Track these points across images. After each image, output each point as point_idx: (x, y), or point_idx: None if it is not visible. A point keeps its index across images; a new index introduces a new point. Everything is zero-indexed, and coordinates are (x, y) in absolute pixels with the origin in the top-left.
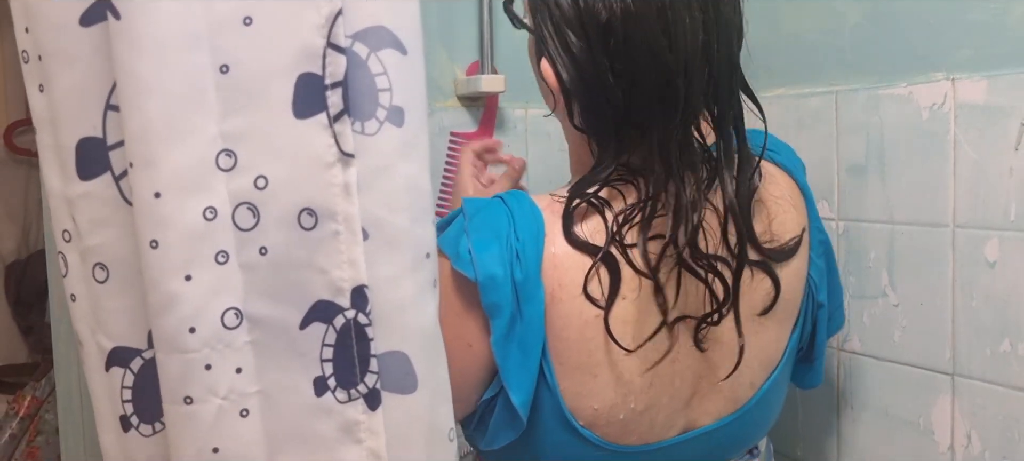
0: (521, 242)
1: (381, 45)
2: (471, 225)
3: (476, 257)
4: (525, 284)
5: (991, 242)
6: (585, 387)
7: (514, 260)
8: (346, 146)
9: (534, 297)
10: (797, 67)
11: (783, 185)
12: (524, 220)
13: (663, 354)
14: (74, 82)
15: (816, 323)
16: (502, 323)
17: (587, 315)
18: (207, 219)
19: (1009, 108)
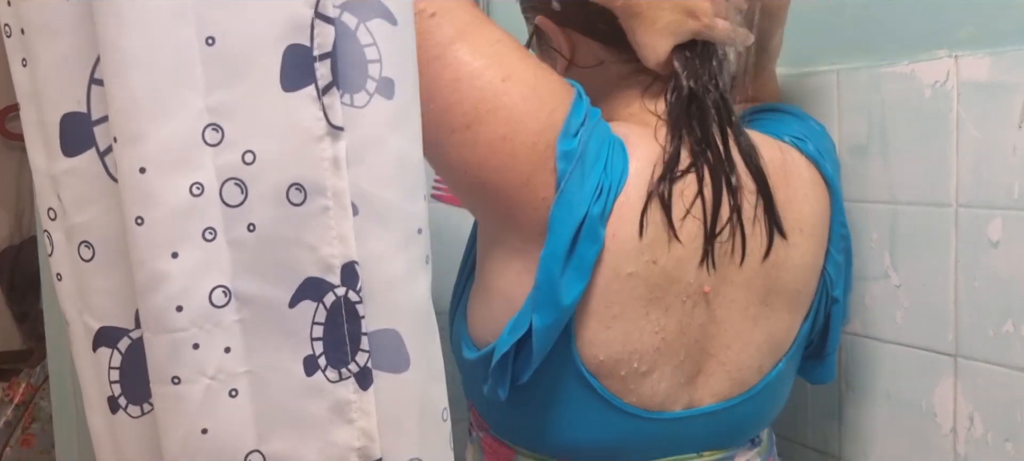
0: (609, 179)
1: (371, 15)
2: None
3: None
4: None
5: (994, 221)
6: (596, 336)
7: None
8: (335, 119)
9: (595, 238)
10: (798, 46)
11: (805, 176)
12: (615, 157)
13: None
14: (57, 56)
15: (829, 318)
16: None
17: (622, 270)
18: (194, 195)
19: (1012, 85)
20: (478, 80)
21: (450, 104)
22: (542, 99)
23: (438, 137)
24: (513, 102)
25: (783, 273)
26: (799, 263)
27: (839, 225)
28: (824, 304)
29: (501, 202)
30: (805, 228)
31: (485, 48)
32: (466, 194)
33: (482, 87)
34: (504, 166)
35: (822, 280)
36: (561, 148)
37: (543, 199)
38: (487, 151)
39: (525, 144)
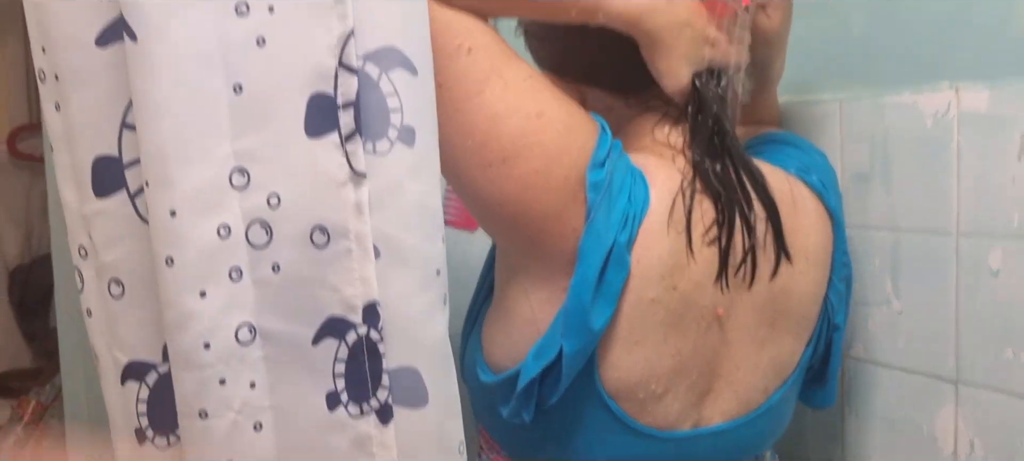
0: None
1: (392, 66)
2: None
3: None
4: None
5: (995, 251)
6: (619, 360)
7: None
8: (358, 166)
9: (622, 265)
10: (802, 75)
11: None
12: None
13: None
14: (90, 101)
15: (830, 344)
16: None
17: (646, 295)
18: (221, 236)
19: (1012, 117)
20: (514, 116)
21: (487, 139)
22: (574, 134)
23: (473, 171)
24: (548, 137)
25: (790, 299)
26: (804, 290)
27: (841, 254)
28: (825, 330)
29: (532, 233)
30: (810, 257)
31: (519, 84)
32: (496, 225)
33: (518, 123)
34: (538, 199)
35: (824, 307)
36: (591, 179)
37: (573, 229)
38: (522, 185)
39: (559, 177)
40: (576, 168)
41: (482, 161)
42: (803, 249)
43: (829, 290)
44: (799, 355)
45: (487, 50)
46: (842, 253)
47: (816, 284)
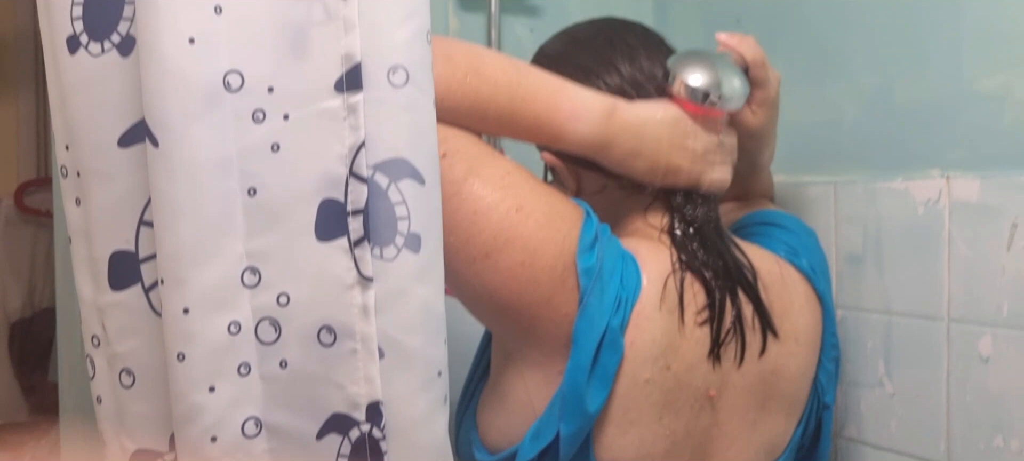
0: (625, 292)
1: (401, 176)
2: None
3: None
4: (614, 334)
5: (985, 338)
6: (614, 441)
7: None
8: (365, 270)
9: (616, 348)
10: (797, 156)
11: (800, 289)
12: (629, 271)
13: (686, 426)
14: (110, 198)
15: (820, 424)
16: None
17: (640, 377)
18: (231, 333)
19: (1002, 208)
20: (494, 212)
21: (469, 236)
22: (555, 224)
23: (459, 266)
24: (529, 230)
25: (780, 379)
26: (795, 370)
27: (830, 335)
28: (816, 409)
29: (523, 321)
30: (800, 337)
31: (497, 181)
32: (487, 315)
33: (498, 219)
34: (524, 289)
35: (814, 387)
36: (582, 265)
37: (565, 315)
38: (507, 277)
39: (544, 268)
40: (561, 257)
41: (467, 256)
42: (793, 330)
43: (819, 370)
44: (790, 435)
45: (462, 153)
46: (831, 335)
47: (806, 364)
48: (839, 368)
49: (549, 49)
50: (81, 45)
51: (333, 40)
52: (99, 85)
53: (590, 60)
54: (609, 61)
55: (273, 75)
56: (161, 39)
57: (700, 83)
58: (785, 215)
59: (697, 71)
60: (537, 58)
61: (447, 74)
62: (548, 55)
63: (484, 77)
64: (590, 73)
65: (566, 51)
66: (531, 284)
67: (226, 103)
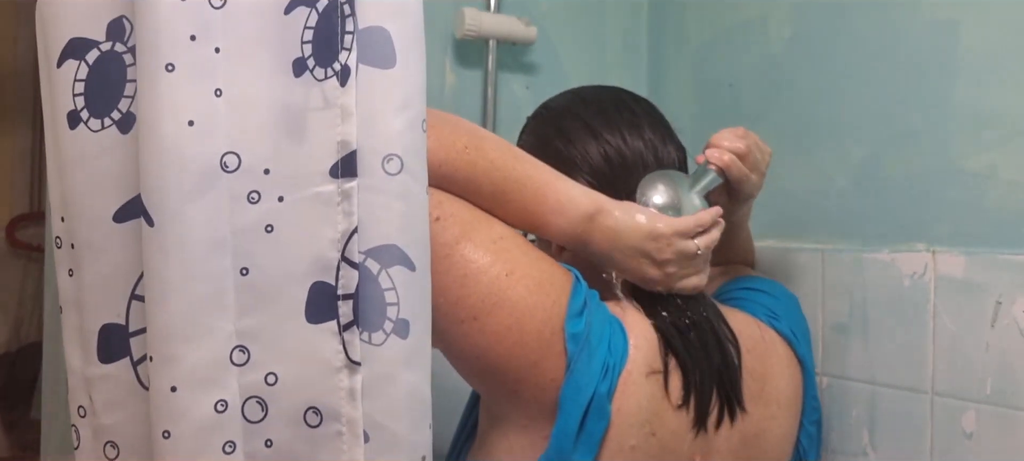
0: (613, 358)
1: (392, 262)
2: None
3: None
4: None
5: (968, 413)
6: None
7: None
8: (354, 354)
9: (603, 415)
10: (786, 221)
11: (781, 353)
12: (616, 337)
13: None
14: (103, 272)
15: None
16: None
17: (626, 443)
18: (218, 412)
19: (986, 285)
20: (483, 276)
21: (459, 298)
22: (545, 290)
23: (447, 327)
24: (518, 295)
25: (763, 443)
26: (777, 434)
27: (812, 398)
28: None
29: (509, 384)
30: (782, 401)
31: (488, 245)
32: (475, 377)
33: (488, 282)
34: (511, 353)
35: (796, 450)
36: (570, 330)
37: (552, 380)
38: (495, 340)
39: (531, 332)
40: (549, 322)
41: (456, 318)
42: (775, 394)
43: (800, 433)
44: None
45: (455, 217)
46: (812, 398)
47: (788, 428)
48: (821, 431)
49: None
50: (81, 120)
51: (330, 126)
52: (97, 160)
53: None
54: (614, 125)
55: (270, 158)
56: (161, 119)
57: (660, 203)
58: (765, 280)
59: (659, 193)
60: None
61: (449, 142)
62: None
63: (483, 153)
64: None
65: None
66: (518, 347)
67: (222, 183)
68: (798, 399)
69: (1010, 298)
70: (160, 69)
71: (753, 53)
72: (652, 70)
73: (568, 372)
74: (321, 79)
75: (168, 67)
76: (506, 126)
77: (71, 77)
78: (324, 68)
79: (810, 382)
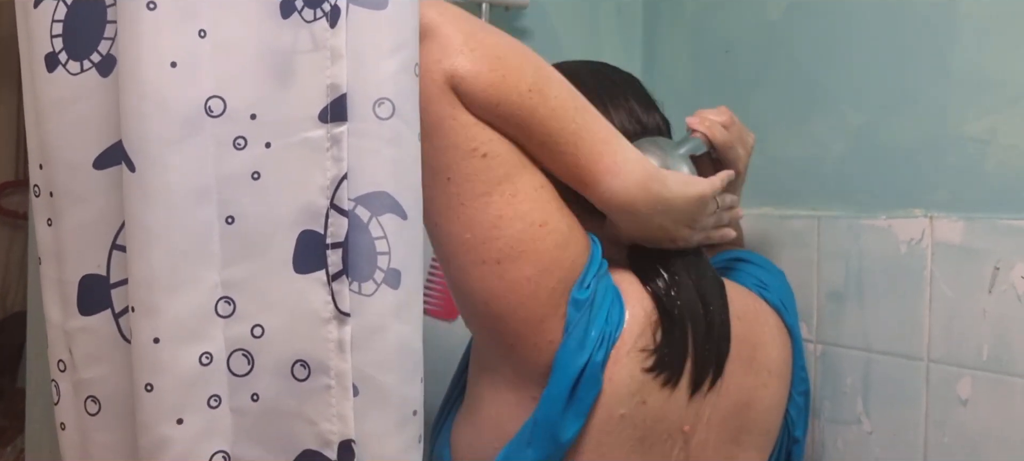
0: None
1: (383, 210)
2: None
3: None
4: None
5: (964, 380)
6: None
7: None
8: (343, 305)
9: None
10: (782, 189)
11: (772, 322)
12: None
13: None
14: (83, 221)
15: (789, 456)
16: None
17: (616, 412)
18: (203, 364)
19: (984, 251)
20: (519, 222)
21: (488, 238)
22: (568, 248)
23: (466, 264)
24: (545, 247)
25: (753, 412)
26: (768, 403)
27: (800, 368)
28: (785, 444)
29: (509, 336)
30: (773, 370)
31: (529, 192)
32: (478, 320)
33: (521, 229)
34: (522, 304)
35: (785, 421)
36: (574, 296)
37: (549, 342)
38: (510, 287)
39: (546, 289)
40: (563, 282)
41: (477, 257)
42: (766, 361)
43: (789, 404)
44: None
45: (502, 158)
46: (800, 368)
47: (779, 397)
48: (809, 403)
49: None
50: (59, 63)
51: (319, 69)
52: (76, 105)
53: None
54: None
55: (256, 102)
56: (142, 61)
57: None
58: (753, 253)
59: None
60: None
61: (512, 83)
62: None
63: (545, 98)
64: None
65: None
66: (531, 300)
67: (207, 129)
68: (788, 369)
69: (1008, 264)
70: (141, 8)
71: (750, 19)
72: (647, 36)
73: (565, 337)
74: (310, 20)
75: (149, 5)
76: None
77: (49, 18)
78: (313, 9)
79: (799, 353)
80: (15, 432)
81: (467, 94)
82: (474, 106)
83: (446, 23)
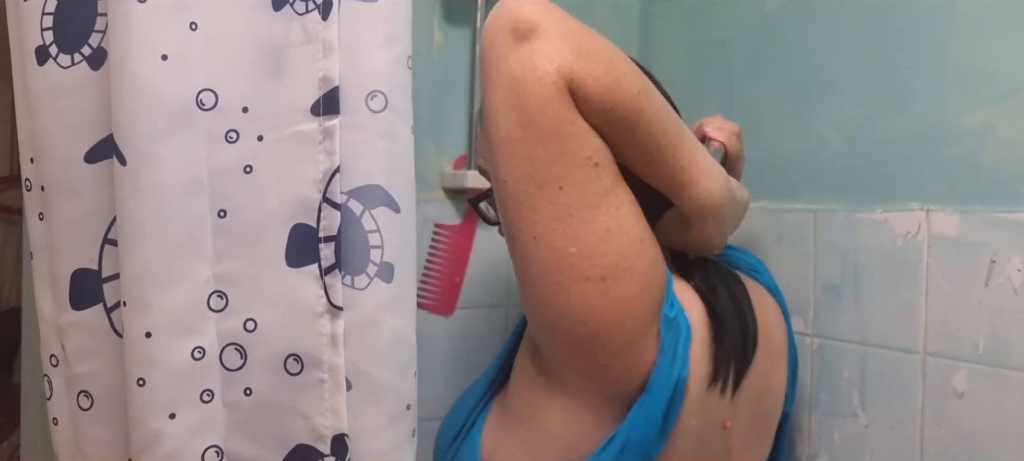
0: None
1: (376, 203)
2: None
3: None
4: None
5: (960, 373)
6: None
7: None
8: (335, 299)
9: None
10: (778, 183)
11: (771, 304)
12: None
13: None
14: (75, 215)
15: (780, 429)
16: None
17: (689, 423)
18: (195, 359)
19: (980, 244)
20: (624, 236)
21: (593, 253)
22: (659, 265)
23: (565, 281)
24: (645, 265)
25: (768, 397)
26: (778, 387)
27: (792, 346)
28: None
29: (603, 356)
30: (780, 352)
31: (630, 206)
32: (569, 341)
33: (627, 243)
34: (622, 324)
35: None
36: (666, 314)
37: (643, 362)
38: (613, 305)
39: (645, 306)
40: (656, 301)
41: (579, 274)
42: (773, 345)
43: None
44: (768, 450)
45: (610, 168)
46: (792, 346)
47: (783, 376)
48: (797, 374)
49: None
50: (50, 56)
51: (311, 62)
52: (67, 98)
53: None
54: None
55: (248, 95)
56: (133, 54)
57: None
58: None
59: None
60: None
61: (626, 84)
62: None
63: (650, 100)
64: None
65: None
66: (631, 320)
67: (198, 122)
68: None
69: (1004, 257)
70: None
71: (746, 13)
72: (643, 30)
73: (660, 356)
74: (302, 13)
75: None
76: None
77: (39, 11)
78: (305, 1)
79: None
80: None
81: (585, 99)
82: (590, 110)
83: (554, 23)
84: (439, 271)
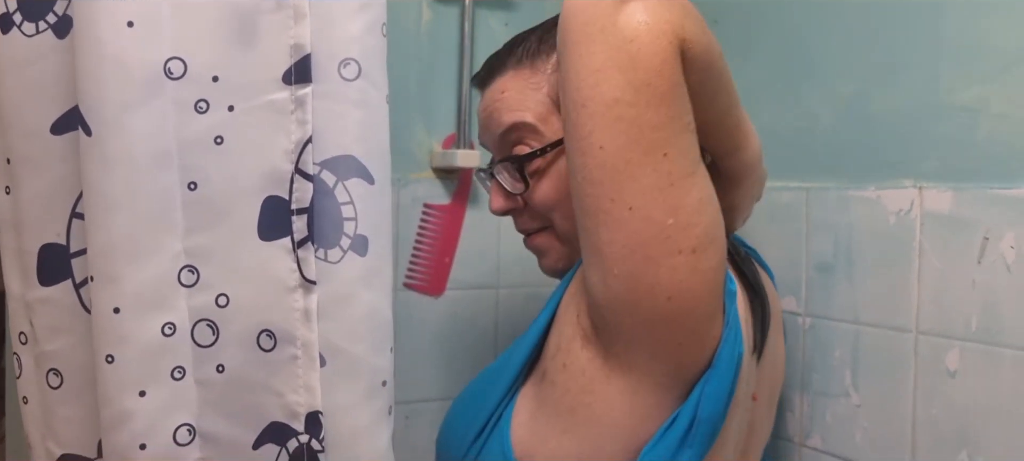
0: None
1: (349, 174)
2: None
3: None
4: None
5: (952, 351)
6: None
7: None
8: (308, 273)
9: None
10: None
11: (765, 275)
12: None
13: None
14: (41, 188)
15: None
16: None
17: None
18: (165, 335)
19: (974, 221)
20: (710, 206)
21: (689, 224)
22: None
23: (658, 255)
24: (722, 235)
25: (778, 364)
26: (781, 360)
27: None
28: None
29: (682, 332)
30: (779, 325)
31: (707, 173)
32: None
33: (713, 213)
34: (704, 299)
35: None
36: (729, 287)
37: (714, 337)
38: (701, 279)
39: (721, 279)
40: (724, 273)
41: (673, 247)
42: (778, 317)
43: None
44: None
45: (697, 134)
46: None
47: (783, 350)
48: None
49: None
50: (14, 24)
51: (282, 29)
52: (32, 67)
53: None
54: None
55: (218, 64)
56: (98, 21)
57: None
58: None
59: None
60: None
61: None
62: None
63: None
64: None
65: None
66: (711, 294)
67: (167, 91)
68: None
69: (998, 234)
70: None
71: None
72: None
73: (727, 330)
74: None
75: None
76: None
77: None
78: None
79: None
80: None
81: (692, 59)
82: (693, 72)
83: None
84: (428, 251)
